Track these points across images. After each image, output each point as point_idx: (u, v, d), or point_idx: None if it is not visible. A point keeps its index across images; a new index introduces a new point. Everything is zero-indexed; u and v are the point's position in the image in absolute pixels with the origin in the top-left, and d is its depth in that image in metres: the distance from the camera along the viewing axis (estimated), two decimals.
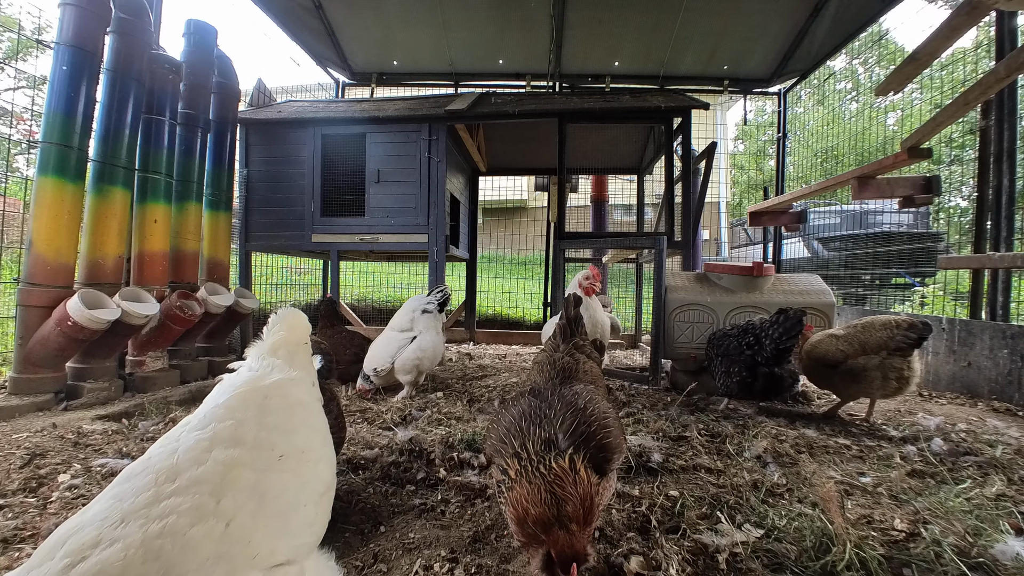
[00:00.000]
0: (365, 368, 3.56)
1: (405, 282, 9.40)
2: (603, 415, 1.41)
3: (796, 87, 7.16)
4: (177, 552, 0.82)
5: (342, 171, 5.17)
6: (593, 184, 7.73)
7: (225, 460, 1.03)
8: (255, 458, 1.08)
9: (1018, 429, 2.94)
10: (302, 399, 1.36)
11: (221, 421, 1.14)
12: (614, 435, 1.38)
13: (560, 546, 1.10)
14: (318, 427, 1.36)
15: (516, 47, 6.67)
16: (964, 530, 1.63)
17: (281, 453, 1.14)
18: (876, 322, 2.93)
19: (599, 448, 1.32)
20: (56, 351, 3.03)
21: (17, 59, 6.86)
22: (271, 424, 1.19)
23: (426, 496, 1.95)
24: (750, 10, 5.77)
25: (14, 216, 4.37)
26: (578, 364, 1.80)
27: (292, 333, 1.49)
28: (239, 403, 1.22)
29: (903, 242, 7.18)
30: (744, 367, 3.04)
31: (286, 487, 1.08)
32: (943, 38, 3.28)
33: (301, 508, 1.09)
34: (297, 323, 1.52)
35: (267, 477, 1.06)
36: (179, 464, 0.99)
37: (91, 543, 0.79)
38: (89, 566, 0.75)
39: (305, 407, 1.36)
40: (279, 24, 6.22)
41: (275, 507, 1.02)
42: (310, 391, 1.44)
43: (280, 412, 1.24)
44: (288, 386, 1.34)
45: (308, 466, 1.19)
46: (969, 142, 7.70)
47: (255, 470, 1.05)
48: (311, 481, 1.17)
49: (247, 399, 1.24)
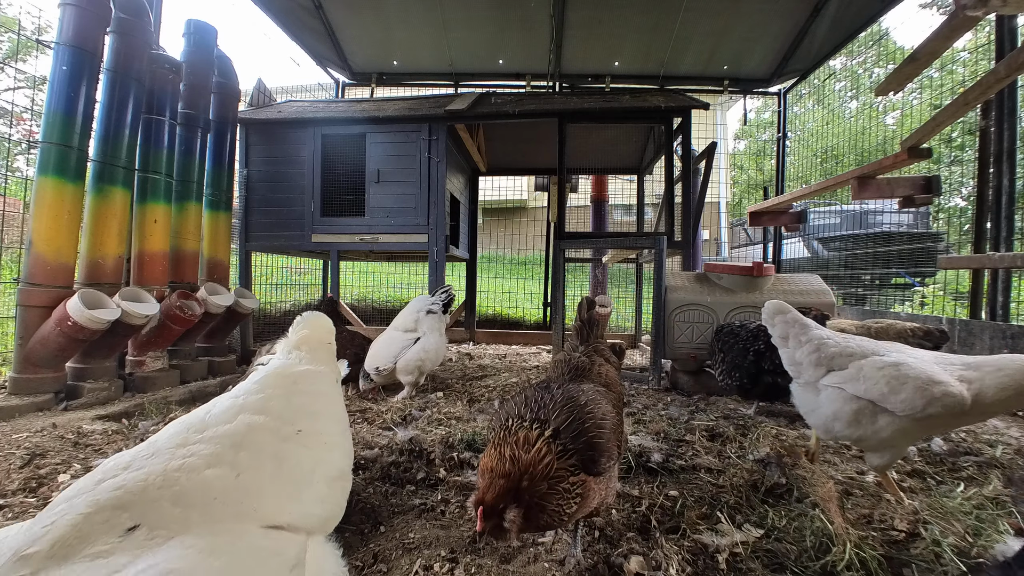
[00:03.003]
0: (367, 367, 3.56)
1: (405, 282, 9.40)
2: (601, 415, 1.41)
3: (796, 87, 7.16)
4: (190, 485, 0.97)
5: (342, 171, 5.17)
6: (593, 184, 7.73)
7: (250, 423, 1.16)
8: (278, 427, 1.20)
9: (1018, 429, 2.94)
10: (326, 390, 1.48)
11: (253, 394, 1.27)
12: (606, 437, 1.38)
13: (480, 491, 1.22)
14: (338, 417, 1.46)
15: (516, 47, 6.66)
16: (964, 530, 1.63)
17: (300, 429, 1.24)
18: (891, 330, 2.87)
19: (588, 446, 1.33)
20: (56, 351, 3.03)
21: (17, 59, 6.85)
22: (297, 404, 1.31)
23: (426, 496, 1.95)
24: (750, 10, 5.77)
25: (14, 216, 4.37)
26: (593, 365, 1.80)
27: (315, 332, 1.62)
28: (271, 381, 1.35)
29: (903, 242, 7.18)
30: (746, 374, 3.00)
31: (301, 460, 1.18)
32: (943, 38, 3.28)
33: (314, 483, 1.17)
34: (320, 324, 1.66)
35: (285, 446, 1.17)
36: (208, 420, 1.14)
37: (123, 466, 1.00)
38: (116, 481, 0.96)
39: (328, 397, 1.46)
40: (279, 24, 6.22)
41: (288, 474, 1.12)
42: (333, 385, 1.56)
43: (306, 395, 1.36)
44: (315, 376, 1.47)
45: (324, 449, 1.28)
46: (969, 142, 7.71)
47: (276, 437, 1.17)
48: (325, 462, 1.26)
49: (278, 379, 1.37)
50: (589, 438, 1.34)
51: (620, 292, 8.97)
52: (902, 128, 6.71)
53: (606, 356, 1.94)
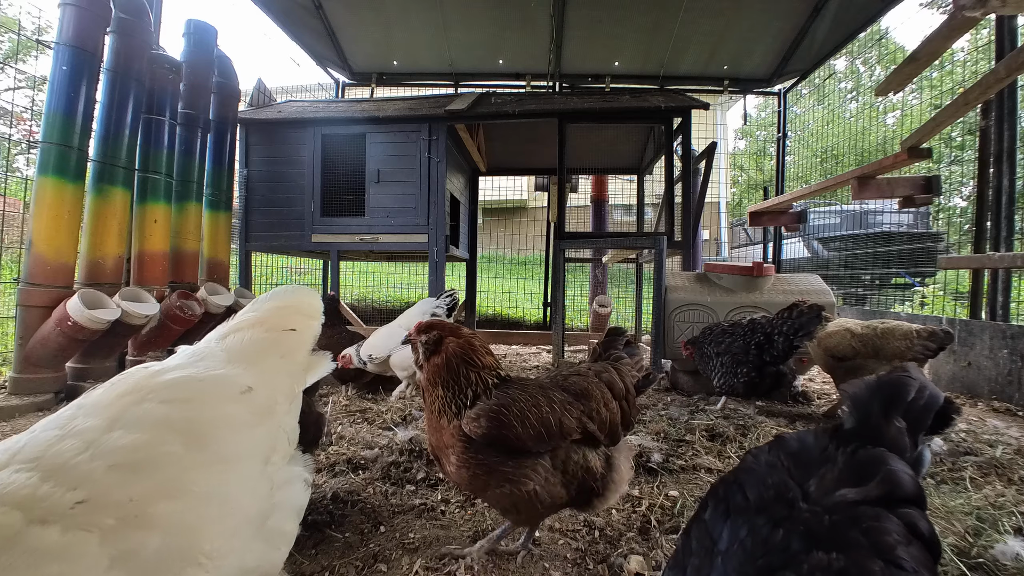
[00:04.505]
0: (361, 352, 3.56)
1: (405, 282, 9.40)
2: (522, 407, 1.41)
3: (796, 87, 7.16)
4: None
5: (342, 171, 5.17)
6: (593, 184, 7.73)
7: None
8: (42, 512, 0.68)
9: (1018, 429, 2.93)
10: (218, 414, 0.89)
11: (43, 430, 0.79)
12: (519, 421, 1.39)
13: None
14: (227, 466, 0.85)
15: (516, 47, 6.66)
16: (964, 530, 1.63)
17: (112, 504, 0.72)
18: (897, 331, 2.81)
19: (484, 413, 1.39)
20: (56, 351, 3.03)
21: (17, 59, 6.85)
22: (117, 447, 0.76)
23: (426, 496, 1.95)
24: (750, 10, 5.77)
25: (14, 216, 4.37)
26: (585, 376, 1.60)
27: (270, 315, 1.10)
28: (86, 409, 0.84)
29: (903, 242, 7.18)
30: (753, 367, 3.00)
31: None
32: (943, 38, 3.28)
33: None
34: (289, 303, 1.16)
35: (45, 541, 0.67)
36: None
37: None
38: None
39: (218, 426, 0.88)
40: (279, 24, 6.22)
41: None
42: (248, 402, 0.93)
43: (149, 430, 0.81)
44: (195, 388, 0.90)
45: (171, 535, 0.75)
46: (969, 142, 7.71)
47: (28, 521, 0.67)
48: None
49: (99, 404, 0.85)
50: (482, 405, 1.41)
51: (620, 292, 8.97)
52: (902, 128, 6.71)
53: (622, 372, 1.66)
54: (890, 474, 0.76)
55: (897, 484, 0.76)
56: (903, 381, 0.87)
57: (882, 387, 0.87)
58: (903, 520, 0.73)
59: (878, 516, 0.72)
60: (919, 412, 0.86)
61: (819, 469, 0.81)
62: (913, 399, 0.86)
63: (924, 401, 0.87)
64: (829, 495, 0.77)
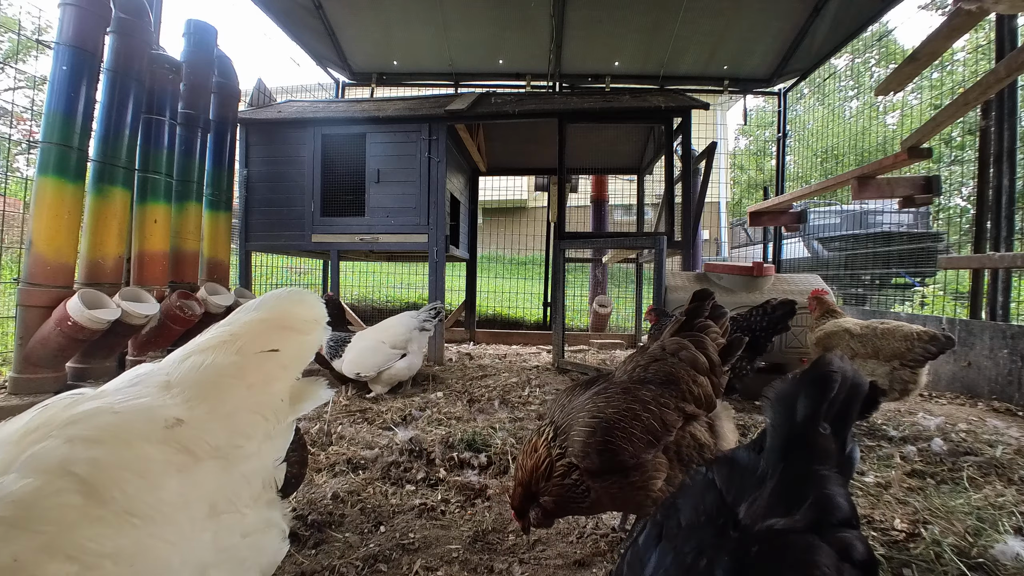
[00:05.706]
0: (347, 369, 3.58)
1: (405, 282, 9.40)
2: (608, 416, 1.38)
3: (797, 86, 7.16)
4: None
5: (342, 171, 5.17)
6: (593, 184, 7.73)
7: None
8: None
9: (1018, 429, 2.94)
10: (132, 456, 0.73)
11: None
12: (601, 434, 1.36)
13: (511, 497, 1.43)
14: (143, 519, 0.70)
15: (516, 47, 6.66)
16: (964, 530, 1.63)
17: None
18: (897, 332, 2.76)
19: (583, 446, 1.36)
20: (56, 351, 3.03)
21: (17, 59, 6.85)
22: (2, 496, 0.65)
23: (426, 496, 1.95)
24: (750, 10, 5.77)
25: (14, 216, 4.37)
26: (667, 357, 1.53)
27: (245, 332, 0.89)
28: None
29: (903, 242, 7.18)
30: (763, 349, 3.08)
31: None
32: (943, 38, 3.28)
33: None
34: (270, 318, 0.94)
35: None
36: None
37: None
38: None
39: (131, 470, 0.72)
40: (279, 24, 6.22)
41: None
42: (177, 440, 0.77)
43: (43, 474, 0.67)
44: (104, 423, 0.74)
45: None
46: (969, 142, 7.71)
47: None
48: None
49: (5, 440, 0.75)
50: (584, 438, 1.35)
51: (620, 292, 8.97)
52: (902, 128, 6.71)
53: (696, 351, 1.55)
54: (822, 499, 0.73)
55: (829, 509, 0.73)
56: (826, 378, 0.83)
57: (806, 388, 0.83)
58: (836, 546, 0.69)
59: (808, 548, 0.69)
60: (844, 408, 0.83)
61: (752, 491, 0.78)
62: (836, 395, 0.82)
63: (846, 394, 0.83)
64: (759, 521, 0.73)
